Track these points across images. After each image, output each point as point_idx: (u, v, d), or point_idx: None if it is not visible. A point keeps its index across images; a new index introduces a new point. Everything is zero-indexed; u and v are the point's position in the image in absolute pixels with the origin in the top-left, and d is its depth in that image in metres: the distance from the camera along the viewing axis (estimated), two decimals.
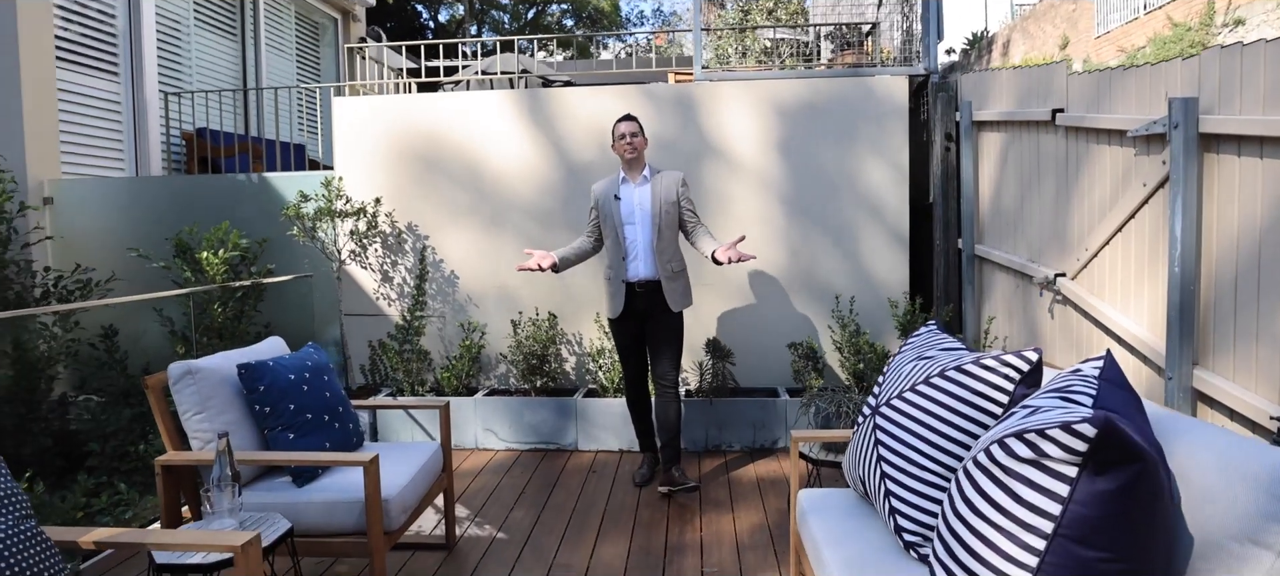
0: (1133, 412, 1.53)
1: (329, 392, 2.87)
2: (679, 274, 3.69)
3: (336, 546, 2.53)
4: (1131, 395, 1.62)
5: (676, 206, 3.64)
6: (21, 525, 1.67)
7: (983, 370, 1.99)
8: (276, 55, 7.78)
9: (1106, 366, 1.68)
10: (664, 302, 3.62)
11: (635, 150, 3.61)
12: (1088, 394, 1.57)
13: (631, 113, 3.74)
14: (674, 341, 3.68)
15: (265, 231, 4.93)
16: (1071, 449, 1.25)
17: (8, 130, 4.89)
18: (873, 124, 4.58)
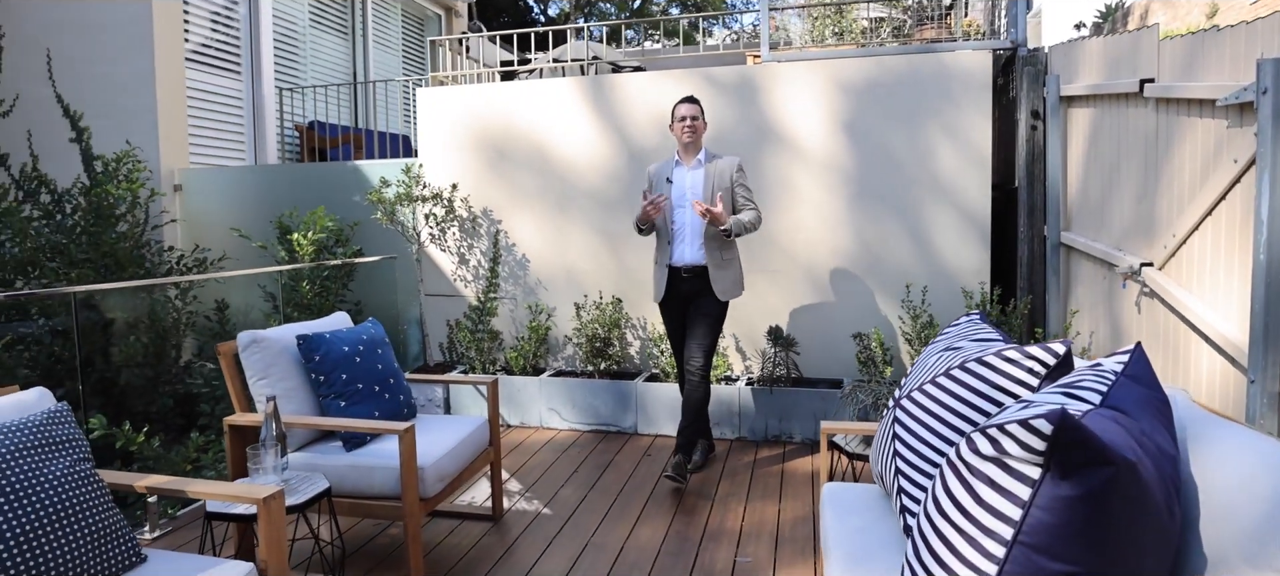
0: (1145, 413, 1.38)
1: (381, 365, 3.04)
2: (729, 261, 3.60)
3: (378, 508, 2.68)
4: (1154, 394, 1.46)
5: (731, 193, 3.57)
6: (78, 466, 1.89)
7: (1005, 363, 1.85)
8: (383, 51, 8.28)
9: (1132, 361, 1.52)
10: (710, 288, 3.55)
11: (694, 133, 3.56)
12: (1098, 390, 1.43)
13: (693, 95, 3.69)
14: (709, 328, 3.59)
15: (360, 215, 5.27)
16: (1030, 447, 1.14)
17: (144, 125, 5.50)
18: (949, 103, 4.29)
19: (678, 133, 3.60)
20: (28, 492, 1.73)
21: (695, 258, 3.56)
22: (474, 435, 3.09)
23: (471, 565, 2.92)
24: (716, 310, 3.59)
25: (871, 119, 4.42)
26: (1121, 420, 1.27)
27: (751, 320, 4.65)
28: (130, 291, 4.82)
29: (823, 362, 4.56)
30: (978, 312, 2.36)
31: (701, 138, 3.62)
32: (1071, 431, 1.09)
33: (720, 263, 3.55)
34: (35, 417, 1.90)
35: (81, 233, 4.92)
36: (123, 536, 1.91)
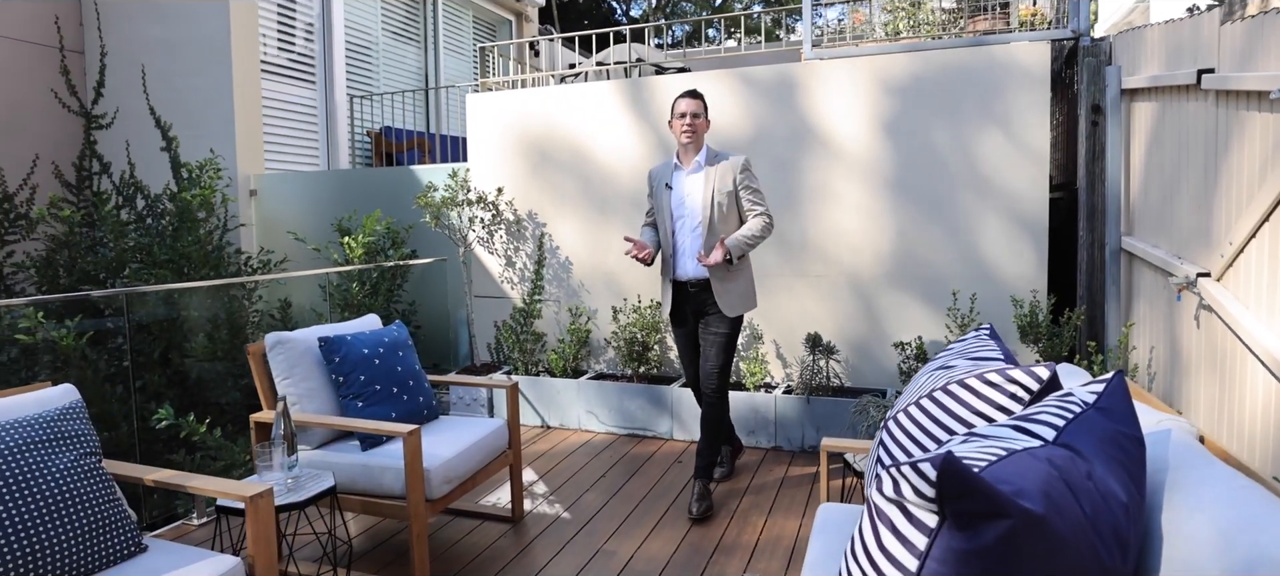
0: (1102, 454, 1.23)
1: (401, 367, 3.12)
2: (738, 274, 3.30)
3: (386, 508, 2.75)
4: (1123, 431, 1.30)
5: (733, 196, 3.25)
6: (83, 460, 2.02)
7: (987, 387, 1.71)
8: (454, 57, 8.54)
9: (1105, 393, 1.37)
10: (716, 305, 3.28)
11: (693, 133, 3.25)
12: (1053, 425, 1.30)
13: (697, 90, 3.35)
14: (722, 348, 3.31)
15: (416, 218, 5.45)
16: (922, 493, 1.04)
17: (222, 134, 5.88)
18: (1002, 99, 4.01)
19: (677, 131, 3.29)
20: (30, 484, 1.86)
21: (698, 270, 3.29)
22: (489, 438, 3.12)
23: (483, 565, 2.96)
24: (727, 328, 3.31)
25: (917, 117, 4.19)
26: (1061, 462, 1.14)
27: (791, 326, 4.51)
28: (199, 290, 5.15)
29: (866, 371, 4.37)
30: (988, 327, 2.19)
31: (702, 137, 3.31)
32: (956, 479, 0.98)
33: (724, 276, 3.27)
34: (49, 413, 2.04)
35: (167, 235, 5.32)
36: (123, 527, 2.03)
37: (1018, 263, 4.07)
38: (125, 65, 6.25)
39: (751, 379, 4.34)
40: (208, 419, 4.25)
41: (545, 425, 4.73)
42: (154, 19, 6.17)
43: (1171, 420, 1.57)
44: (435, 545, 3.13)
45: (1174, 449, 1.41)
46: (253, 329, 5.23)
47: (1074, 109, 4.28)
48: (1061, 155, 4.97)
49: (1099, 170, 3.97)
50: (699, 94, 3.31)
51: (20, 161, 6.03)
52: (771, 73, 4.46)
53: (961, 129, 4.11)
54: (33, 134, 6.17)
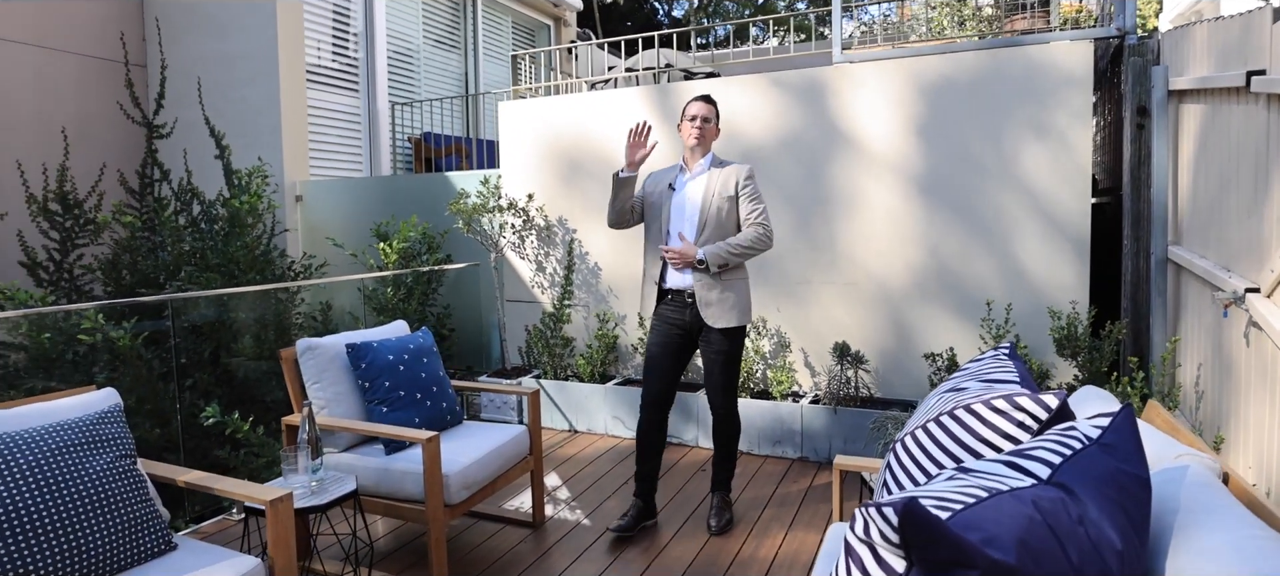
0: (1098, 495, 1.18)
1: (424, 373, 3.19)
2: (723, 283, 3.10)
3: (406, 511, 2.82)
4: (1126, 471, 1.24)
5: (733, 203, 3.13)
6: (119, 461, 2.13)
7: (993, 414, 1.66)
8: (493, 63, 8.68)
9: (1111, 428, 1.31)
10: (705, 316, 3.10)
11: (702, 137, 3.16)
12: (1049, 462, 1.25)
13: (709, 94, 3.29)
14: (726, 365, 3.17)
15: (451, 224, 5.56)
16: (887, 537, 1.02)
17: (270, 142, 6.10)
18: (1041, 101, 3.88)
19: (685, 133, 3.20)
20: (69, 484, 1.97)
21: (686, 280, 3.12)
22: (508, 444, 3.17)
23: (503, 569, 3.00)
24: (726, 344, 3.14)
25: (951, 121, 4.08)
26: (1048, 505, 1.10)
27: (819, 334, 4.45)
28: (246, 293, 5.35)
29: (896, 382, 4.28)
30: (1007, 345, 2.13)
31: (710, 142, 3.22)
32: (917, 526, 0.96)
33: (711, 285, 3.08)
34: (89, 416, 2.16)
35: (219, 240, 5.55)
36: (154, 526, 2.13)
37: (1057, 272, 3.93)
38: (183, 78, 6.53)
39: (778, 387, 4.30)
40: (251, 417, 4.42)
41: (572, 429, 4.77)
42: (209, 33, 6.44)
43: (1192, 455, 1.50)
44: (457, 548, 3.19)
45: (1188, 488, 1.34)
46: (296, 331, 5.41)
47: (1121, 110, 4.12)
48: (1108, 158, 4.78)
49: (1145, 175, 3.81)
50: (711, 99, 3.24)
51: (89, 169, 6.37)
52: (801, 76, 4.41)
53: (997, 133, 3.99)
54: (100, 143, 6.51)
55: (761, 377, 4.51)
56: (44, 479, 1.93)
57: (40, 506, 1.89)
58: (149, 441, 4.46)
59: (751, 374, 4.43)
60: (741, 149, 4.55)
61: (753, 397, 4.36)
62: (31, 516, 1.86)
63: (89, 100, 6.44)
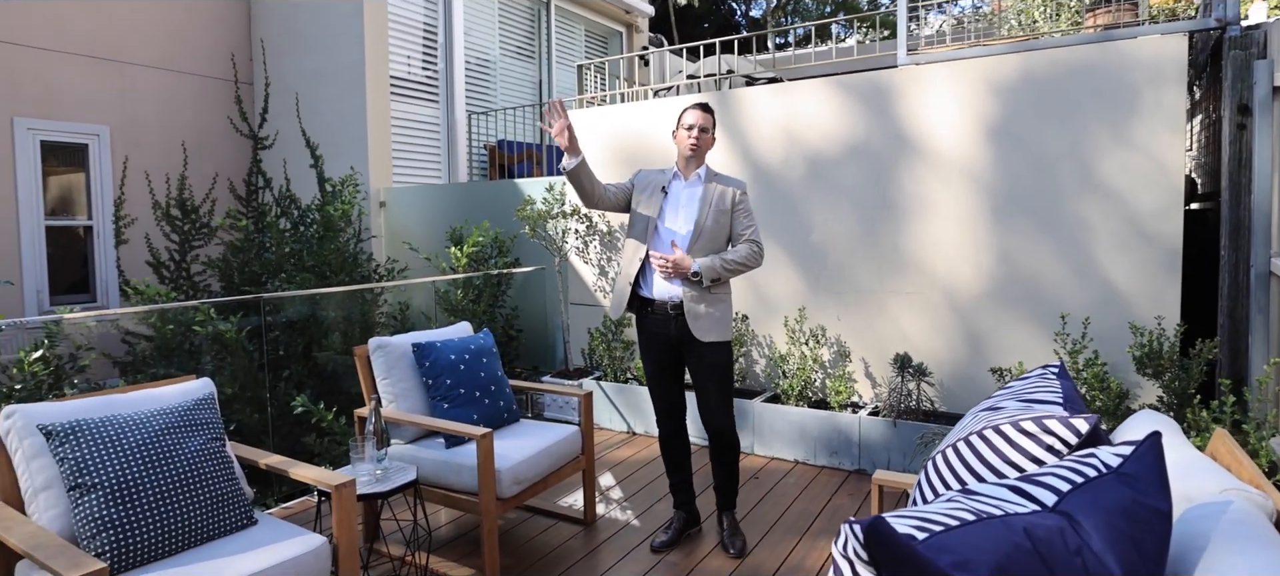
0: (1105, 527, 1.16)
1: (484, 373, 3.42)
2: (715, 298, 3.03)
3: (462, 502, 3.03)
4: (1144, 503, 1.19)
5: (729, 216, 3.08)
6: (210, 444, 2.42)
7: (1021, 436, 1.64)
8: (566, 70, 8.96)
9: (1134, 456, 1.28)
10: (693, 330, 3.01)
11: (698, 147, 3.08)
12: (1057, 489, 1.24)
13: (707, 103, 3.20)
14: (721, 381, 3.09)
15: (520, 228, 5.83)
16: (860, 555, 1.08)
17: (358, 151, 6.55)
18: (1125, 100, 3.72)
19: (681, 142, 3.11)
20: (169, 461, 2.27)
21: (673, 292, 3.03)
22: (560, 444, 3.34)
23: (551, 563, 3.18)
24: (717, 356, 3.06)
25: (1027, 123, 3.98)
26: (1043, 533, 1.11)
27: (881, 344, 4.42)
28: (334, 293, 5.78)
29: (962, 397, 4.21)
30: (1057, 365, 2.09)
31: (705, 152, 3.15)
32: (883, 545, 1.01)
33: (697, 297, 3.01)
34: (187, 403, 2.46)
35: (314, 243, 6.02)
36: (238, 502, 2.41)
37: (1142, 284, 3.76)
38: (283, 93, 7.10)
39: (836, 398, 4.31)
40: (335, 407, 4.79)
41: (630, 431, 4.92)
42: (305, 52, 6.97)
43: (1242, 491, 1.43)
44: (511, 540, 3.39)
45: (1225, 525, 1.29)
46: (379, 328, 5.79)
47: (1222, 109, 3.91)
48: (1211, 160, 4.53)
49: (1245, 180, 3.60)
50: (709, 108, 3.17)
51: (204, 178, 7.02)
52: (866, 80, 4.40)
53: (1078, 135, 3.86)
54: (214, 155, 7.16)
55: (820, 387, 4.53)
56: (149, 455, 2.22)
57: (145, 478, 2.18)
58: (248, 426, 4.90)
59: (809, 382, 4.46)
60: (804, 154, 4.58)
61: (810, 406, 4.39)
62: (138, 487, 2.16)
63: (205, 116, 7.09)
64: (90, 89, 6.35)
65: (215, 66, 7.15)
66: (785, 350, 4.65)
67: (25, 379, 3.59)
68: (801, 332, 4.61)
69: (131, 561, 2.09)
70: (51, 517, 2.15)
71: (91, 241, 6.52)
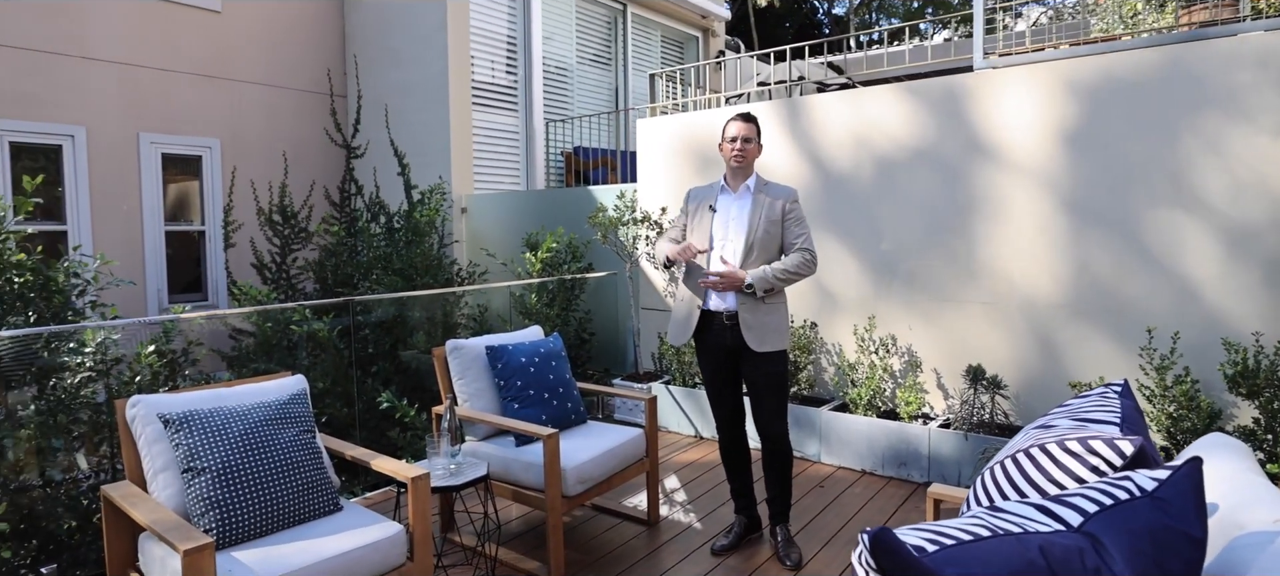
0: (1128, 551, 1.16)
1: (552, 375, 3.56)
2: (770, 307, 3.07)
3: (529, 498, 3.18)
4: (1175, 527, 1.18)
5: (780, 226, 3.09)
6: (301, 436, 2.65)
7: (1066, 455, 1.64)
8: (641, 77, 9.09)
9: (1171, 480, 1.26)
10: (748, 340, 3.05)
11: (743, 158, 3.12)
12: (1084, 510, 1.25)
13: (750, 113, 3.21)
14: (776, 389, 3.12)
15: (593, 234, 5.99)
16: (869, 564, 1.13)
17: (442, 160, 6.87)
18: (1222, 102, 3.52)
19: (726, 154, 3.16)
20: (266, 450, 2.50)
21: (729, 302, 3.08)
22: (625, 446, 3.45)
23: (614, 560, 3.29)
24: (772, 366, 3.09)
25: (1110, 127, 3.82)
26: (1060, 554, 1.12)
27: (953, 354, 4.33)
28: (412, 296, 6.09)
29: (1038, 410, 4.07)
30: (1119, 383, 2.05)
31: (752, 163, 3.17)
32: (887, 555, 1.05)
33: (753, 309, 3.05)
34: (282, 397, 2.70)
35: (401, 247, 6.36)
36: (326, 490, 2.62)
37: (1238, 298, 3.55)
38: (374, 106, 7.52)
39: (906, 408, 4.24)
40: (417, 404, 5.07)
41: (698, 435, 4.99)
42: (393, 66, 7.36)
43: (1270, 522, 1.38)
44: (577, 536, 3.52)
45: (1272, 556, 1.26)
46: (460, 329, 6.07)
47: None
48: None
49: None
50: (752, 118, 3.18)
51: (302, 186, 7.52)
52: (939, 84, 4.32)
53: (1169, 138, 3.68)
54: (311, 164, 7.66)
55: (890, 396, 4.48)
56: (249, 444, 2.46)
57: (245, 465, 2.42)
58: (338, 418, 5.23)
59: (879, 392, 4.41)
60: (874, 160, 4.54)
61: (879, 416, 4.34)
62: (240, 472, 2.39)
63: (303, 128, 7.59)
64: (204, 105, 6.92)
65: (313, 82, 7.65)
66: (854, 358, 4.61)
67: (143, 370, 3.97)
68: (871, 341, 4.56)
69: (233, 538, 2.33)
70: (168, 496, 2.41)
71: (203, 245, 7.10)
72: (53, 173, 6.15)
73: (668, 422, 5.15)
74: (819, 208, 4.77)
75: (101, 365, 3.72)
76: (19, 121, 5.89)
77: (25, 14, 5.83)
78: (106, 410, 3.69)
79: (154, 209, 6.68)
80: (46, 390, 3.56)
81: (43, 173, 4.66)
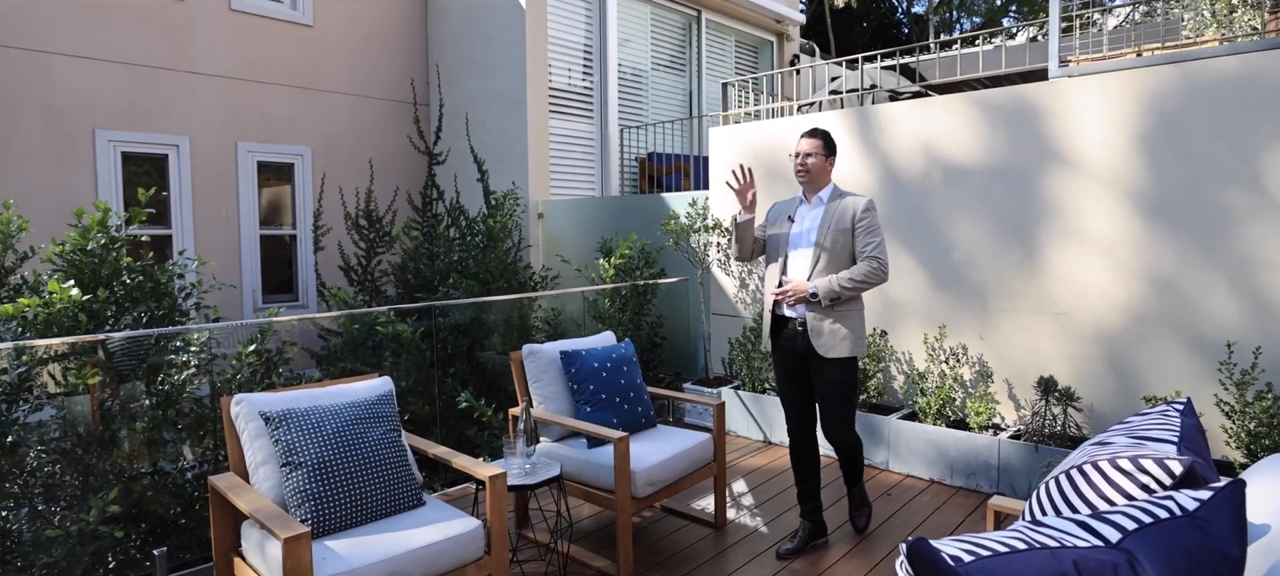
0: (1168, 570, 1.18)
1: (623, 380, 3.65)
2: (840, 315, 3.14)
3: (599, 498, 3.28)
4: (1220, 548, 1.22)
5: (849, 235, 3.14)
6: (388, 434, 2.82)
7: (1117, 473, 1.64)
8: (715, 82, 9.11)
9: (1213, 500, 1.28)
10: (816, 346, 3.16)
11: (806, 173, 3.23)
12: (1124, 527, 1.27)
13: (818, 128, 3.30)
14: (840, 396, 3.22)
15: (666, 241, 6.07)
16: (908, 572, 1.17)
17: (519, 166, 7.08)
18: None
19: (794, 168, 3.30)
20: (356, 446, 2.68)
21: (796, 310, 3.23)
22: (693, 450, 3.51)
23: (680, 560, 3.36)
24: (838, 375, 3.18)
25: (1190, 138, 3.66)
26: (1093, 568, 1.16)
27: (1024, 366, 4.21)
28: (490, 301, 6.31)
29: (1113, 423, 3.91)
30: (1182, 403, 2.01)
31: (818, 177, 3.25)
32: (922, 562, 1.10)
33: (821, 316, 3.14)
34: (371, 398, 2.88)
35: (478, 251, 6.61)
36: (410, 485, 2.79)
37: None
38: (455, 114, 7.81)
39: (976, 418, 4.15)
40: (494, 404, 5.26)
41: (766, 440, 5.00)
42: (474, 75, 7.63)
43: None
44: (646, 536, 3.61)
45: None
46: (535, 332, 6.25)
47: None
48: None
49: None
50: (819, 133, 3.27)
51: (387, 192, 7.89)
52: (1010, 95, 4.21)
53: (1254, 150, 3.51)
54: (396, 170, 8.02)
55: (960, 406, 4.39)
56: (341, 441, 2.64)
57: (338, 460, 2.60)
58: (420, 416, 5.48)
59: (949, 402, 4.33)
60: (945, 170, 4.46)
61: (949, 426, 4.26)
62: (333, 466, 2.58)
63: (388, 135, 7.97)
64: (296, 115, 7.35)
65: (397, 91, 8.01)
66: (924, 367, 4.53)
67: (242, 368, 4.28)
68: (941, 350, 4.48)
69: (326, 528, 2.51)
70: (268, 487, 2.61)
71: (295, 247, 7.54)
72: (159, 180, 6.66)
73: (736, 427, 5.17)
74: (889, 216, 4.71)
75: (205, 362, 4.03)
76: (130, 132, 6.40)
77: (137, 33, 6.34)
78: (209, 404, 3.99)
79: (250, 214, 7.14)
80: (155, 385, 3.88)
81: (151, 181, 5.06)
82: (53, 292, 3.50)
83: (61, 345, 3.51)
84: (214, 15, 6.74)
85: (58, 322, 3.53)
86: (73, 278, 3.76)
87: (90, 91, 6.12)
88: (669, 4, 8.52)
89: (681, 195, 6.08)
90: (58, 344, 3.49)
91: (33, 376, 3.43)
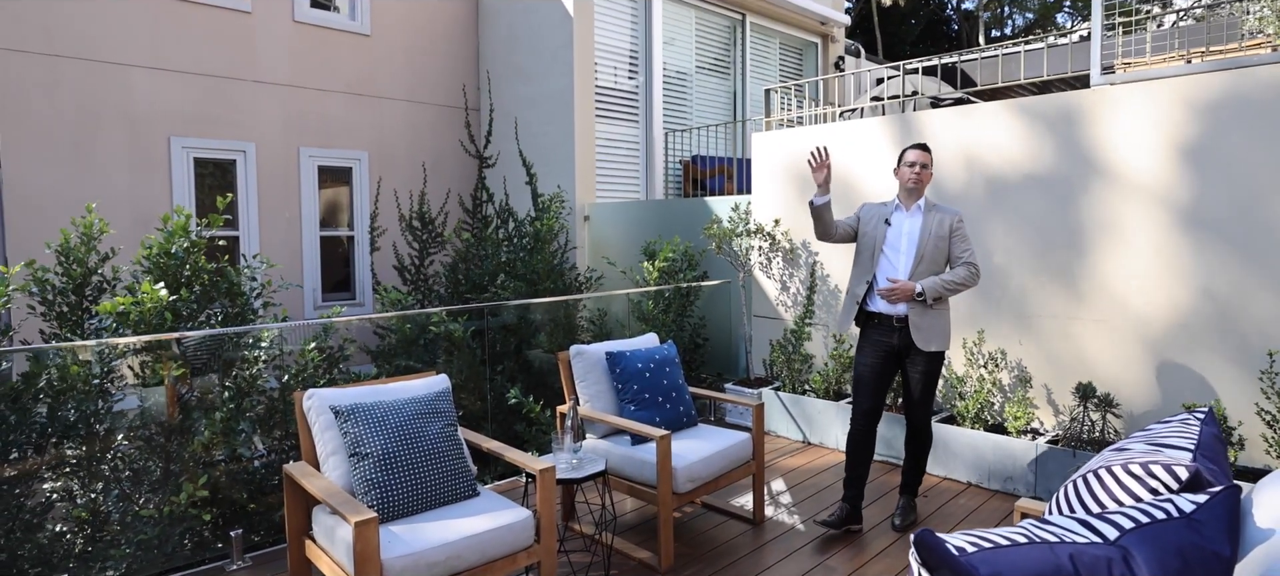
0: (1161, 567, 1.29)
1: (666, 381, 3.81)
2: (936, 313, 3.53)
3: (642, 493, 3.44)
4: (1211, 548, 1.32)
5: (945, 243, 3.53)
6: (446, 428, 3.02)
7: (1128, 477, 1.73)
8: (761, 85, 9.18)
9: (1209, 503, 1.38)
10: (913, 342, 3.52)
11: (919, 182, 3.56)
12: (1122, 526, 1.38)
13: (925, 143, 3.65)
14: (927, 384, 3.61)
15: (708, 244, 6.20)
16: (917, 561, 1.29)
17: (565, 170, 7.28)
18: None
19: (903, 178, 3.60)
20: (418, 439, 2.88)
21: (895, 309, 3.53)
22: (732, 449, 3.64)
23: (718, 555, 3.50)
24: (929, 366, 3.58)
25: (1236, 147, 3.64)
26: (1088, 563, 1.27)
27: (1063, 372, 4.22)
28: (537, 303, 6.52)
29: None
30: (1203, 410, 2.08)
31: (925, 186, 3.60)
32: (929, 552, 1.22)
33: (923, 312, 3.49)
34: (430, 394, 3.08)
35: (526, 253, 6.83)
36: (466, 476, 2.99)
37: None
38: (505, 119, 8.06)
39: (1014, 423, 4.18)
40: (542, 401, 5.47)
41: (806, 441, 5.09)
42: (523, 81, 7.86)
43: None
44: (686, 531, 3.75)
45: None
46: (581, 332, 6.45)
47: None
48: None
49: None
50: (927, 147, 3.61)
51: (439, 194, 8.19)
52: (1052, 103, 4.22)
53: None
54: (448, 173, 8.31)
55: (998, 410, 4.42)
56: (403, 434, 2.85)
57: (400, 452, 2.81)
58: (472, 412, 5.72)
59: (987, 405, 4.37)
60: (985, 176, 4.49)
61: (987, 430, 4.30)
62: (396, 458, 2.79)
63: (440, 140, 8.26)
64: (354, 120, 7.68)
65: (449, 97, 8.30)
66: (963, 372, 4.57)
67: (305, 364, 4.55)
68: (980, 355, 4.51)
69: (391, 514, 2.72)
70: (337, 476, 2.84)
71: (352, 248, 7.88)
72: (228, 184, 7.05)
73: (776, 427, 5.28)
74: None
75: (273, 358, 4.31)
76: (202, 139, 6.79)
77: (207, 44, 6.73)
78: (278, 397, 4.27)
79: (310, 216, 7.49)
80: (228, 379, 4.17)
81: (221, 185, 5.39)
82: (145, 293, 3.81)
83: (151, 340, 3.81)
84: (278, 26, 7.10)
85: (147, 321, 3.84)
86: (159, 278, 4.08)
87: (165, 100, 6.53)
88: (714, 7, 8.63)
89: (724, 199, 6.20)
90: (150, 339, 3.79)
91: (114, 371, 3.75)
